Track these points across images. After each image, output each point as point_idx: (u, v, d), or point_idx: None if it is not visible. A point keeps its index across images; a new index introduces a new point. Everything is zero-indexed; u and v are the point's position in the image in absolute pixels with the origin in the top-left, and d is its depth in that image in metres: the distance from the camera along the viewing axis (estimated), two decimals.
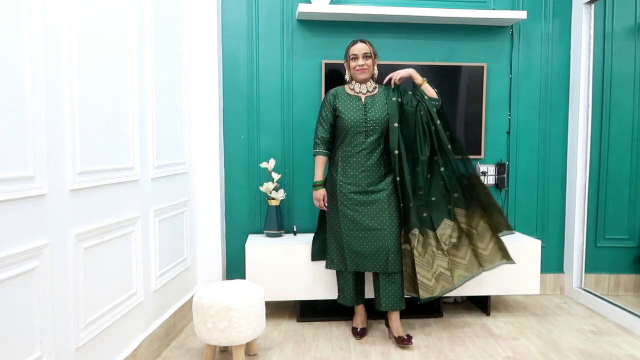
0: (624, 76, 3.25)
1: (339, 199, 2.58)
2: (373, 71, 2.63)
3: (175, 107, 2.73)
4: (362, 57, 2.56)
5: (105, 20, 1.95)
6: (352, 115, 2.58)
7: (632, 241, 3.32)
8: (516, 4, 3.30)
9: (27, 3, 1.46)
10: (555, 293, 3.47)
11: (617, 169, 3.29)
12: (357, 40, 2.60)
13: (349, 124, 2.57)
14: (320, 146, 2.66)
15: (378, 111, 2.58)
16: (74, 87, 1.72)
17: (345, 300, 2.72)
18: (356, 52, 2.56)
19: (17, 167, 1.43)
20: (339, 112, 2.60)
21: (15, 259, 1.42)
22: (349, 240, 2.57)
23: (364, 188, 2.57)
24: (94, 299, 1.86)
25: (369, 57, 2.57)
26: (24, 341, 1.48)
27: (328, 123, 2.65)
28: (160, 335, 2.47)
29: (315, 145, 2.68)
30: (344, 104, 2.62)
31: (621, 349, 2.56)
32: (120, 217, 2.07)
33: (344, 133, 2.60)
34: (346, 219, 2.57)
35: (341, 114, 2.59)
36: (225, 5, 3.14)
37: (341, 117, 2.59)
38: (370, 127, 2.57)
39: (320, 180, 2.68)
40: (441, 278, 2.58)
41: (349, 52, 2.60)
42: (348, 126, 2.57)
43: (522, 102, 3.37)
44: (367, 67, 2.56)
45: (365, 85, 2.63)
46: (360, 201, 2.57)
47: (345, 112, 2.59)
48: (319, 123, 2.67)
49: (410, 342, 2.54)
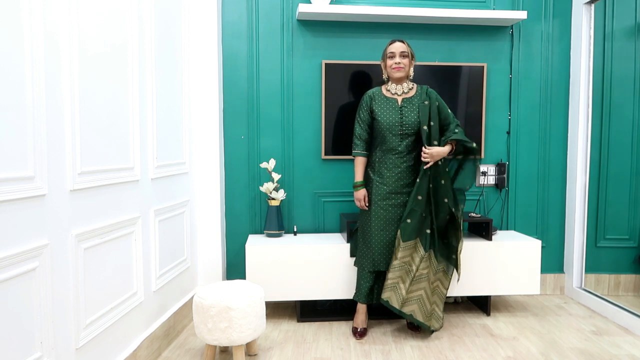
0: (624, 76, 3.25)
1: (374, 199, 2.63)
2: (409, 71, 2.64)
3: (176, 107, 2.73)
4: (399, 55, 2.58)
5: (106, 20, 1.95)
6: (387, 118, 2.60)
7: (632, 241, 3.32)
8: (516, 4, 3.30)
9: (27, 3, 1.47)
10: (556, 293, 3.47)
11: (617, 169, 3.29)
12: (395, 40, 2.63)
13: (384, 126, 2.60)
14: (360, 147, 2.69)
15: (413, 114, 2.60)
16: (74, 88, 1.72)
17: (360, 298, 2.73)
18: (394, 51, 2.59)
19: (17, 167, 1.43)
20: (375, 114, 2.64)
21: (15, 259, 1.42)
22: (379, 235, 2.62)
23: (399, 189, 2.62)
24: (94, 299, 1.86)
25: (406, 57, 2.59)
26: (24, 341, 1.48)
27: (366, 124, 2.68)
28: (160, 336, 2.47)
29: (354, 146, 2.70)
30: (380, 105, 2.64)
31: (621, 349, 2.56)
32: (121, 217, 2.07)
33: (381, 135, 2.63)
34: (378, 217, 2.62)
35: (377, 116, 2.63)
36: (226, 6, 3.14)
37: (377, 120, 2.63)
38: (405, 129, 2.59)
39: (360, 181, 2.69)
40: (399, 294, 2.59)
41: (386, 51, 2.63)
42: (384, 128, 2.60)
43: (522, 102, 3.37)
44: (403, 65, 2.58)
45: (401, 86, 2.64)
46: (394, 203, 2.62)
47: (381, 114, 2.62)
48: (357, 123, 2.70)
49: None
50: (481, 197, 3.37)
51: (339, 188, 3.27)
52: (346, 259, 2.87)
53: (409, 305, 2.58)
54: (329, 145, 3.22)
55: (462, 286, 2.93)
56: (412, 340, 2.66)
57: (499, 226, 3.39)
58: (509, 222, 3.41)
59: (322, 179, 3.26)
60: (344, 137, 3.18)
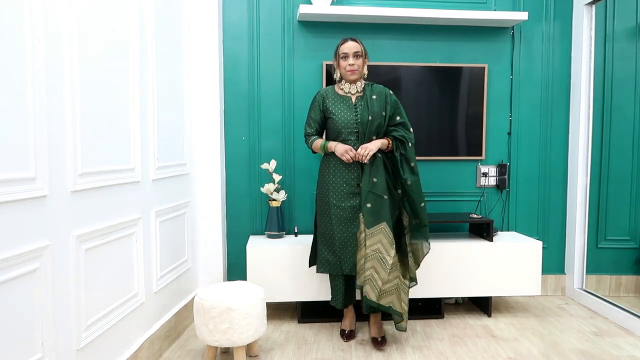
0: (625, 77, 3.25)
1: (332, 199, 2.54)
2: (363, 71, 2.56)
3: (176, 108, 2.73)
4: (352, 56, 2.48)
5: (107, 21, 1.95)
6: (343, 116, 2.53)
7: (633, 242, 3.31)
8: (517, 5, 3.30)
9: (28, 3, 1.47)
10: (557, 294, 3.47)
11: (618, 170, 3.29)
12: (347, 39, 2.52)
13: (340, 124, 2.53)
14: (313, 134, 2.62)
15: (366, 110, 2.52)
16: (75, 88, 1.73)
17: (338, 303, 2.69)
18: (346, 51, 2.49)
19: (18, 168, 1.43)
20: (330, 112, 2.56)
21: (16, 260, 1.42)
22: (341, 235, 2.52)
23: (357, 188, 2.53)
24: (95, 300, 1.86)
25: (360, 57, 2.51)
26: (25, 342, 1.48)
27: (317, 123, 2.61)
28: (161, 337, 2.47)
29: (307, 138, 2.64)
30: (334, 104, 2.57)
31: (622, 350, 2.56)
32: (122, 218, 2.07)
33: (336, 134, 2.56)
34: (338, 217, 2.53)
35: (332, 115, 2.55)
36: (226, 7, 3.14)
37: (332, 118, 2.55)
38: (361, 127, 2.51)
39: (329, 141, 2.55)
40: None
41: (338, 51, 2.53)
42: (340, 126, 2.53)
43: (523, 103, 3.37)
44: (357, 67, 2.50)
45: (355, 85, 2.57)
46: (353, 205, 2.52)
47: (336, 112, 2.55)
48: (307, 124, 2.64)
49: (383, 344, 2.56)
50: (482, 198, 3.37)
51: None
52: None
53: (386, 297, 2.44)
54: None
55: (463, 287, 2.93)
56: (413, 341, 2.65)
57: (500, 227, 3.39)
58: (510, 223, 3.41)
59: None
60: None
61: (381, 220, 2.44)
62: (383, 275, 2.41)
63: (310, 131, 2.63)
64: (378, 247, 2.43)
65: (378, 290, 2.40)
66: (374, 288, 2.41)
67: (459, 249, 2.92)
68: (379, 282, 2.41)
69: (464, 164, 3.33)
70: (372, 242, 2.44)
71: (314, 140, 2.61)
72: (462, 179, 3.35)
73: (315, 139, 2.61)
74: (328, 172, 2.58)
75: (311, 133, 2.63)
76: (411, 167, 2.53)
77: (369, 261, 2.42)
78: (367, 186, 2.46)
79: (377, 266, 2.42)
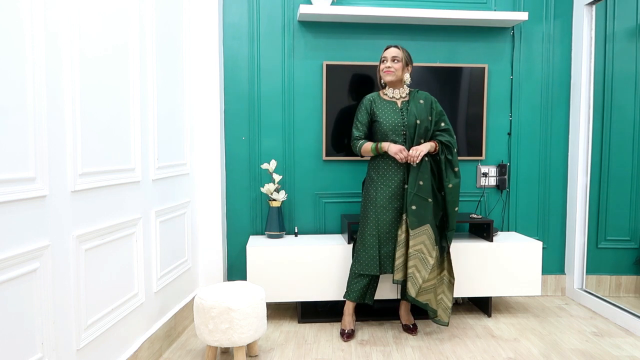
0: (625, 77, 3.25)
1: (379, 200, 2.63)
2: (401, 76, 2.65)
3: (177, 108, 2.73)
4: (390, 59, 2.63)
5: (107, 21, 1.95)
6: (390, 119, 2.63)
7: (633, 242, 3.31)
8: (517, 5, 3.30)
9: (29, 4, 1.47)
10: (557, 294, 3.47)
11: (618, 170, 3.29)
12: (390, 45, 2.69)
13: (387, 127, 2.62)
14: (361, 138, 2.69)
15: (412, 115, 2.63)
16: (76, 88, 1.73)
17: (352, 296, 2.70)
18: (386, 55, 2.65)
19: (18, 168, 1.44)
20: (377, 116, 2.66)
21: (16, 260, 1.42)
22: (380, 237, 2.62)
23: (402, 190, 2.63)
24: (95, 301, 1.86)
25: (398, 62, 2.63)
26: (25, 342, 1.48)
27: (365, 126, 2.71)
28: (161, 337, 2.47)
29: (355, 142, 2.70)
30: (381, 108, 2.67)
31: (622, 350, 2.56)
32: (122, 218, 2.07)
33: (383, 138, 2.65)
34: (384, 218, 2.62)
35: (378, 119, 2.65)
36: (227, 7, 3.14)
37: (379, 122, 2.65)
38: (408, 130, 2.61)
39: (379, 143, 2.62)
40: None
41: (381, 56, 2.69)
42: (387, 129, 2.62)
43: (523, 103, 3.37)
44: (393, 70, 2.62)
45: (398, 90, 2.69)
46: (398, 206, 2.63)
47: (383, 116, 2.65)
48: (354, 128, 2.72)
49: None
50: (482, 198, 3.37)
51: (340, 189, 3.27)
52: (347, 260, 2.87)
53: (424, 294, 2.58)
54: (330, 146, 3.22)
55: (463, 287, 2.93)
56: (413, 341, 2.66)
57: (500, 227, 3.39)
58: (510, 223, 3.41)
59: (323, 180, 3.26)
60: (345, 138, 3.18)
61: (425, 222, 2.57)
62: (424, 274, 2.54)
63: (358, 134, 2.71)
64: (421, 247, 2.56)
65: (418, 287, 2.54)
66: (414, 285, 2.55)
67: (459, 249, 2.92)
68: (419, 280, 2.54)
69: (464, 164, 3.33)
70: (415, 242, 2.56)
71: (362, 144, 2.68)
72: (462, 179, 3.34)
73: (364, 142, 2.68)
74: (377, 174, 2.67)
75: (359, 137, 2.71)
76: (455, 172, 2.67)
77: (411, 260, 2.56)
78: (412, 189, 2.57)
79: (418, 265, 2.55)
